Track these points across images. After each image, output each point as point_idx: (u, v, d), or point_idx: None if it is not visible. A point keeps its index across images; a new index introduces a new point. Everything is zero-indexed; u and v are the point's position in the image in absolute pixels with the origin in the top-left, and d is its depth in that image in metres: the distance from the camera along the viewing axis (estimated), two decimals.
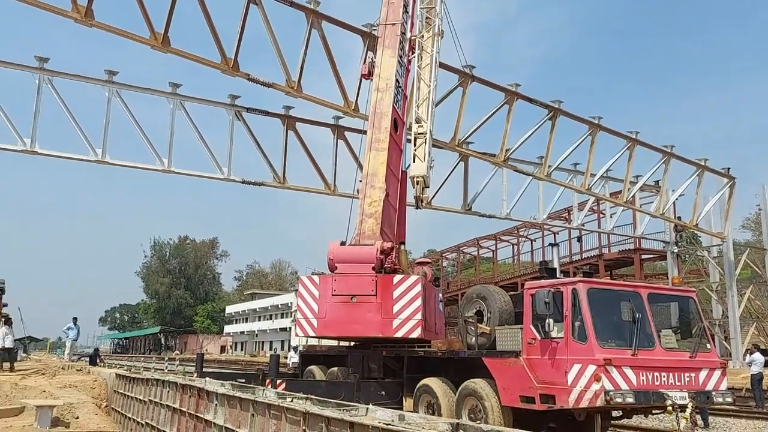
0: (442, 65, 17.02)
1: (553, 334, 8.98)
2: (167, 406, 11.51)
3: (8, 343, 19.86)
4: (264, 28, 18.30)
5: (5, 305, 23.61)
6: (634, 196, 27.75)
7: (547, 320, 8.99)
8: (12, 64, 18.80)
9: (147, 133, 19.97)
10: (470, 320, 10.73)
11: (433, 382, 10.80)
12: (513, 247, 47.33)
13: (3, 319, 20.66)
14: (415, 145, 14.23)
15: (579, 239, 39.35)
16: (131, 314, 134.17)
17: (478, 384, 9.93)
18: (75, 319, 23.74)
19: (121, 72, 19.45)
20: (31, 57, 18.64)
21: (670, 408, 8.66)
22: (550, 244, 37.75)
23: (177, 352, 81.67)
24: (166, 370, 20.47)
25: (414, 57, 15.25)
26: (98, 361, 23.32)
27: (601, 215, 33.86)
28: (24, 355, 27.99)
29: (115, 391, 15.72)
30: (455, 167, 23.61)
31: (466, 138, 22.21)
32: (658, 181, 28.11)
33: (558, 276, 10.88)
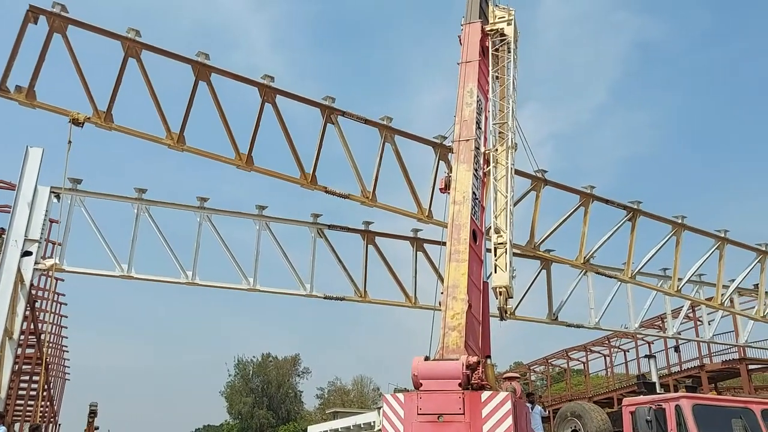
0: (516, 172, 17.22)
1: None
2: None
3: None
4: (340, 144, 19.50)
5: (97, 428, 24.04)
6: (732, 300, 26.01)
7: None
8: (114, 196, 20.28)
9: (234, 253, 20.79)
10: None
11: None
12: (605, 359, 44.80)
13: None
14: (495, 255, 14.21)
15: (676, 349, 36.68)
16: None
17: None
18: None
19: (213, 195, 20.81)
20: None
21: None
22: (646, 356, 35.44)
23: None
24: None
25: (489, 169, 15.54)
26: None
27: (699, 322, 31.75)
28: None
29: None
30: (538, 275, 23.13)
31: (542, 241, 21.86)
32: (757, 284, 26.36)
33: (658, 391, 10.18)
